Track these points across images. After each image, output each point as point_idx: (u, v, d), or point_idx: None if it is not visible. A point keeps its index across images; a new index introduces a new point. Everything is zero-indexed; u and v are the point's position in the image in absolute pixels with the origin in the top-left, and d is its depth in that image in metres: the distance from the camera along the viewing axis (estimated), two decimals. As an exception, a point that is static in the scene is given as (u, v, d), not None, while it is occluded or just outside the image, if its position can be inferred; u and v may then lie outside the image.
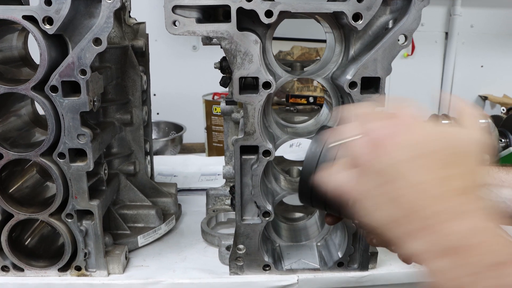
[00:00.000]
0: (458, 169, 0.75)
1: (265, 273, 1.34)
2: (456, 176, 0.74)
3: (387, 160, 0.76)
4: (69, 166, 1.21)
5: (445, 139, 0.77)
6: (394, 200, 0.75)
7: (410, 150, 0.75)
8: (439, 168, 0.74)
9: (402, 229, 0.75)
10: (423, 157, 0.75)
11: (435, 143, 0.76)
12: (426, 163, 0.74)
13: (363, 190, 0.80)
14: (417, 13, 1.09)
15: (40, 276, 1.32)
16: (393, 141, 0.76)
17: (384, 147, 0.77)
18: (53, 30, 1.10)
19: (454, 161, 0.75)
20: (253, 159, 1.22)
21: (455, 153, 0.76)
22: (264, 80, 1.13)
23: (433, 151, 0.75)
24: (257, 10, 1.07)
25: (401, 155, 0.75)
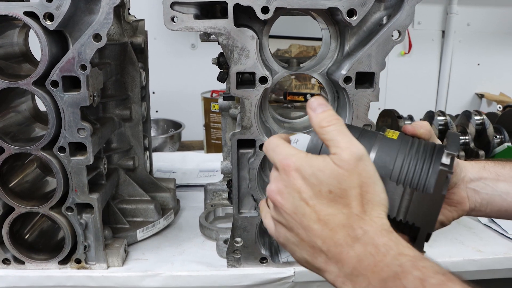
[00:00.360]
0: (337, 203, 0.81)
1: (262, 265, 1.36)
2: (335, 211, 0.80)
3: (284, 214, 0.85)
4: (69, 160, 1.23)
5: (315, 181, 0.82)
6: (299, 243, 0.85)
7: (293, 201, 0.84)
8: (321, 210, 0.81)
9: (315, 265, 0.83)
10: (304, 205, 0.82)
11: (309, 188, 0.82)
12: (308, 210, 0.82)
13: (280, 240, 0.91)
14: (410, 9, 1.11)
15: (40, 269, 1.34)
16: (280, 197, 0.85)
17: (277, 203, 0.86)
18: (54, 26, 1.12)
19: (331, 198, 0.81)
20: (250, 153, 1.24)
21: (329, 190, 0.81)
22: (261, 75, 1.15)
23: (309, 196, 0.82)
24: (254, 6, 1.09)
25: (290, 208, 0.84)
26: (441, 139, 1.90)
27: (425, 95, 3.72)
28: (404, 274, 0.70)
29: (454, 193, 1.05)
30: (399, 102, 3.44)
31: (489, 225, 1.62)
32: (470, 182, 1.06)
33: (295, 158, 0.84)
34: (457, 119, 2.06)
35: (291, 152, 0.86)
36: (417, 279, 0.69)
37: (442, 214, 1.04)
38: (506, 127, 1.97)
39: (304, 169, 0.82)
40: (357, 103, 1.19)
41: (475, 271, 1.43)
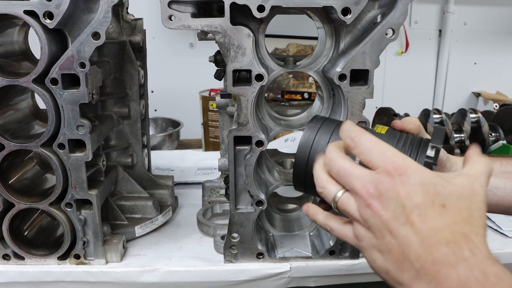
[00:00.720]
0: (447, 219, 0.75)
1: (259, 261, 1.38)
2: (443, 226, 0.74)
3: (377, 219, 0.79)
4: (69, 157, 1.25)
5: (431, 191, 0.77)
6: (387, 253, 0.78)
7: (394, 208, 0.77)
8: (426, 222, 0.75)
9: (397, 279, 0.77)
10: (408, 213, 0.76)
11: (420, 196, 0.77)
12: (412, 219, 0.76)
13: (361, 243, 0.84)
14: (403, 8, 1.13)
15: (40, 264, 1.35)
16: (379, 201, 0.79)
17: (372, 207, 0.79)
18: (53, 25, 1.14)
19: (442, 212, 0.75)
20: (246, 149, 1.25)
21: (443, 203, 0.76)
22: (257, 72, 1.17)
23: (419, 204, 0.76)
24: (250, 5, 1.11)
25: (388, 215, 0.78)
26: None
27: (422, 94, 3.74)
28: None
29: None
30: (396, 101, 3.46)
31: (484, 222, 1.64)
32: None
33: (405, 161, 0.80)
34: (452, 117, 2.08)
35: (397, 154, 0.82)
36: None
37: None
38: (501, 125, 1.99)
39: (422, 173, 0.78)
40: (352, 100, 1.20)
41: None
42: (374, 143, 0.83)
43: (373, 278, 1.42)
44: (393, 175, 0.78)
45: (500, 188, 1.07)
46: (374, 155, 0.82)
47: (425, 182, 0.77)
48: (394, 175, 0.78)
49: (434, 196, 0.76)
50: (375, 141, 0.84)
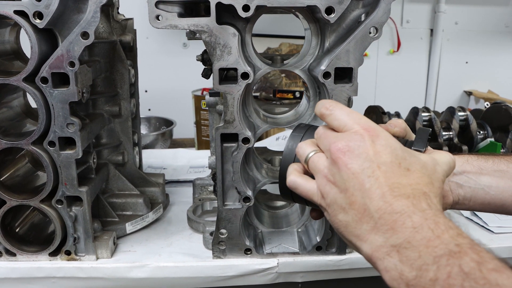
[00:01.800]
0: (410, 179, 0.82)
1: (247, 256, 1.39)
2: (405, 183, 0.81)
3: (343, 173, 0.84)
4: (59, 154, 1.27)
5: (399, 154, 0.85)
6: (348, 206, 0.84)
7: (362, 162, 0.84)
8: (391, 177, 0.82)
9: (355, 231, 0.83)
10: (375, 168, 0.83)
11: (389, 156, 0.84)
12: (377, 173, 0.82)
13: (325, 200, 0.89)
14: (386, 7, 1.15)
15: (31, 261, 1.37)
16: (348, 155, 0.85)
17: (340, 161, 0.85)
18: (43, 25, 1.16)
19: (407, 174, 0.83)
20: (233, 146, 1.27)
21: (408, 167, 0.84)
22: (243, 70, 1.19)
23: (386, 162, 0.83)
24: (235, 4, 1.13)
25: (355, 167, 0.84)
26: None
27: (414, 93, 3.75)
28: (461, 254, 0.69)
29: None
30: (388, 100, 3.49)
31: (471, 218, 1.66)
32: (453, 175, 1.08)
33: (378, 127, 0.88)
34: (441, 115, 2.10)
35: (371, 122, 0.89)
36: (474, 261, 0.67)
37: None
38: (489, 123, 2.01)
39: (393, 141, 0.87)
40: (336, 97, 1.22)
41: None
42: (349, 111, 0.91)
43: (359, 273, 1.44)
44: (364, 135, 0.85)
45: (493, 187, 1.08)
46: (349, 120, 0.89)
47: (394, 146, 0.85)
48: (366, 135, 0.85)
49: (401, 159, 0.84)
50: (349, 110, 0.92)
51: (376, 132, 0.86)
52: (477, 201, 1.09)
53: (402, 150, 0.86)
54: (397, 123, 1.03)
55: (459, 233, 0.73)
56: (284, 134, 2.39)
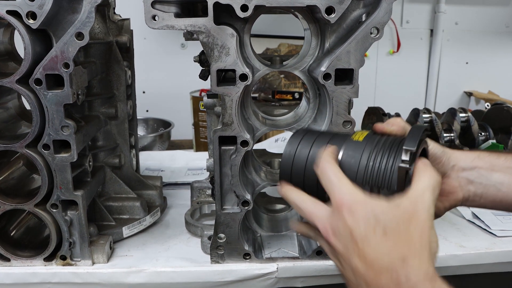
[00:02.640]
0: (388, 245, 0.82)
1: (246, 261, 1.37)
2: (382, 254, 0.81)
3: (335, 254, 0.90)
4: (54, 157, 1.25)
5: (372, 221, 0.84)
6: (347, 280, 0.89)
7: (344, 243, 0.86)
8: (369, 253, 0.82)
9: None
10: (354, 246, 0.84)
11: (363, 227, 0.84)
12: (356, 250, 0.84)
13: (331, 254, 0.93)
14: (388, 7, 1.13)
15: (26, 266, 1.35)
16: (333, 237, 0.88)
17: (331, 243, 0.89)
18: (37, 25, 1.14)
19: (383, 239, 0.82)
20: (232, 149, 1.25)
21: (384, 230, 0.83)
22: (241, 72, 1.16)
23: (362, 235, 0.84)
24: (233, 4, 1.10)
25: (340, 248, 0.87)
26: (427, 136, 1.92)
27: (414, 94, 3.74)
28: None
29: (444, 183, 1.05)
30: (388, 101, 3.46)
31: (473, 221, 1.64)
32: (462, 171, 1.06)
33: (353, 195, 0.87)
34: (442, 116, 2.07)
35: (345, 190, 0.88)
36: None
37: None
38: (491, 124, 1.99)
39: (363, 209, 0.85)
40: (337, 99, 1.20)
41: (457, 266, 1.45)
42: (331, 177, 0.90)
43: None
44: (342, 211, 0.86)
45: (505, 184, 1.05)
46: (331, 190, 0.90)
47: (367, 214, 0.84)
48: (343, 211, 0.86)
49: (375, 225, 0.83)
50: (332, 175, 0.90)
51: (350, 206, 0.86)
52: (488, 198, 1.06)
53: (375, 214, 0.84)
54: (395, 121, 1.01)
55: None
56: (283, 136, 2.36)
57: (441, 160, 1.07)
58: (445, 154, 1.06)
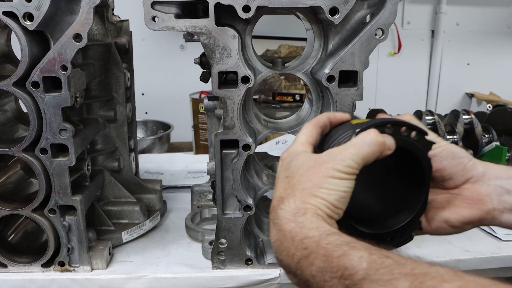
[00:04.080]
0: (281, 189, 0.87)
1: (247, 267, 1.35)
2: (284, 188, 0.86)
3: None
4: (51, 162, 1.22)
5: (286, 167, 0.91)
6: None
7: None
8: (278, 191, 0.88)
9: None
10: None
11: (279, 173, 0.92)
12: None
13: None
14: (393, 7, 1.10)
15: (23, 272, 1.32)
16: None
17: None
18: (34, 26, 1.11)
19: (284, 183, 0.88)
20: (233, 153, 1.23)
21: (287, 175, 0.88)
22: (243, 74, 1.14)
23: (278, 178, 0.91)
24: (235, 5, 1.08)
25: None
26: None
27: (415, 95, 3.72)
28: (311, 255, 0.73)
29: (467, 189, 0.95)
30: (389, 102, 3.45)
31: (477, 225, 1.61)
32: (496, 179, 0.94)
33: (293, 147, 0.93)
34: (445, 118, 2.05)
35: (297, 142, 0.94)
36: (322, 256, 0.71)
37: (450, 212, 0.94)
38: (494, 126, 1.96)
39: (285, 155, 0.93)
40: (341, 102, 1.18)
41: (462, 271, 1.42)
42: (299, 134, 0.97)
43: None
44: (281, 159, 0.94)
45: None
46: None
47: (286, 161, 0.91)
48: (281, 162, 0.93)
49: (285, 169, 0.90)
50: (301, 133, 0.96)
51: (283, 156, 0.94)
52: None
53: (294, 159, 0.89)
54: (404, 116, 0.98)
55: (305, 236, 0.77)
56: (284, 138, 2.34)
57: (462, 161, 0.96)
58: (469, 158, 0.96)
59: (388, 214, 0.95)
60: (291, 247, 0.77)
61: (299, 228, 0.77)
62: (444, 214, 0.94)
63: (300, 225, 0.77)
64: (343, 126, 0.94)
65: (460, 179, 0.96)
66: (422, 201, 0.93)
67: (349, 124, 0.93)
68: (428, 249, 1.46)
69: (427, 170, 0.90)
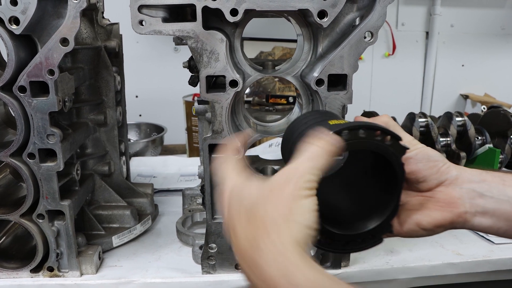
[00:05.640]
0: (251, 221, 0.77)
1: (238, 271, 1.34)
2: (250, 228, 0.76)
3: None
4: (39, 166, 1.21)
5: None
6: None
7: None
8: (243, 228, 0.77)
9: None
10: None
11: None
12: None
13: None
14: (382, 10, 1.10)
15: (11, 278, 1.31)
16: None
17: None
18: (20, 30, 1.10)
19: (252, 216, 0.77)
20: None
21: (253, 208, 0.77)
22: (231, 78, 1.13)
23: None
24: (222, 8, 1.07)
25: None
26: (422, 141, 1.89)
27: (410, 97, 3.72)
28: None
29: (440, 191, 0.96)
30: (383, 104, 3.45)
31: (470, 227, 1.61)
32: (469, 182, 0.95)
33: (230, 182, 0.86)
34: (438, 120, 2.05)
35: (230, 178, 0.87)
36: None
37: (422, 214, 0.95)
38: (487, 128, 1.96)
39: (230, 195, 0.83)
40: (330, 105, 1.17)
41: (454, 274, 1.42)
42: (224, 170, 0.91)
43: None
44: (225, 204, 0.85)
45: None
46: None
47: (235, 201, 0.81)
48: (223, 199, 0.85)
49: (239, 211, 0.79)
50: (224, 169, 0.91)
51: (226, 201, 0.84)
52: (502, 215, 0.94)
53: (243, 195, 0.80)
54: (380, 119, 1.00)
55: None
56: (277, 141, 2.33)
57: (437, 164, 0.97)
58: (444, 161, 0.97)
59: (361, 216, 0.96)
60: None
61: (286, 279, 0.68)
62: (416, 217, 0.95)
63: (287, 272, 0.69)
64: (321, 123, 0.94)
65: (433, 182, 0.96)
66: (393, 205, 0.93)
67: (326, 124, 0.92)
68: (419, 252, 1.45)
69: (399, 175, 0.91)
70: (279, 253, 0.70)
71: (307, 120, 1.02)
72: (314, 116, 1.03)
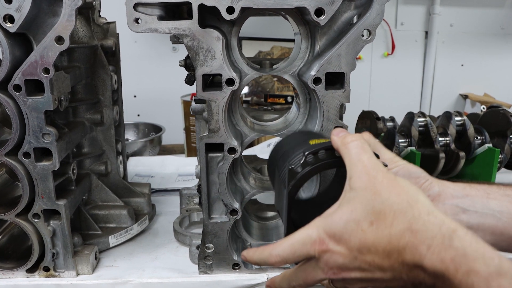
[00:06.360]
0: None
1: (235, 272, 1.33)
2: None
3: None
4: (35, 166, 1.20)
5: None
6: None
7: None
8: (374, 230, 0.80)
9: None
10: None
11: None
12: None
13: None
14: (380, 8, 1.09)
15: (7, 278, 1.30)
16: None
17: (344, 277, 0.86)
18: (15, 29, 1.09)
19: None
20: (219, 156, 1.21)
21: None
22: (227, 77, 1.12)
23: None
24: (219, 6, 1.06)
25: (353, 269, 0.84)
26: (421, 140, 1.88)
27: (409, 96, 3.71)
28: None
29: None
30: (383, 104, 3.44)
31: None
32: (452, 198, 0.95)
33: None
34: (437, 120, 2.04)
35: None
36: None
37: None
38: (487, 128, 1.95)
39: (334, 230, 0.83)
40: (327, 104, 1.16)
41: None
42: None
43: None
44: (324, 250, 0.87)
45: (505, 212, 0.93)
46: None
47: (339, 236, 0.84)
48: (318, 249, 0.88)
49: (357, 225, 0.81)
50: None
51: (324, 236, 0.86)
52: (487, 229, 0.93)
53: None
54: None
55: None
56: (276, 140, 2.32)
57: (418, 181, 0.98)
58: (426, 178, 0.98)
59: None
60: None
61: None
62: None
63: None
64: (299, 144, 0.97)
65: None
66: None
67: (306, 144, 0.95)
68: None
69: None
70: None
71: (289, 141, 1.06)
72: (295, 137, 1.07)
